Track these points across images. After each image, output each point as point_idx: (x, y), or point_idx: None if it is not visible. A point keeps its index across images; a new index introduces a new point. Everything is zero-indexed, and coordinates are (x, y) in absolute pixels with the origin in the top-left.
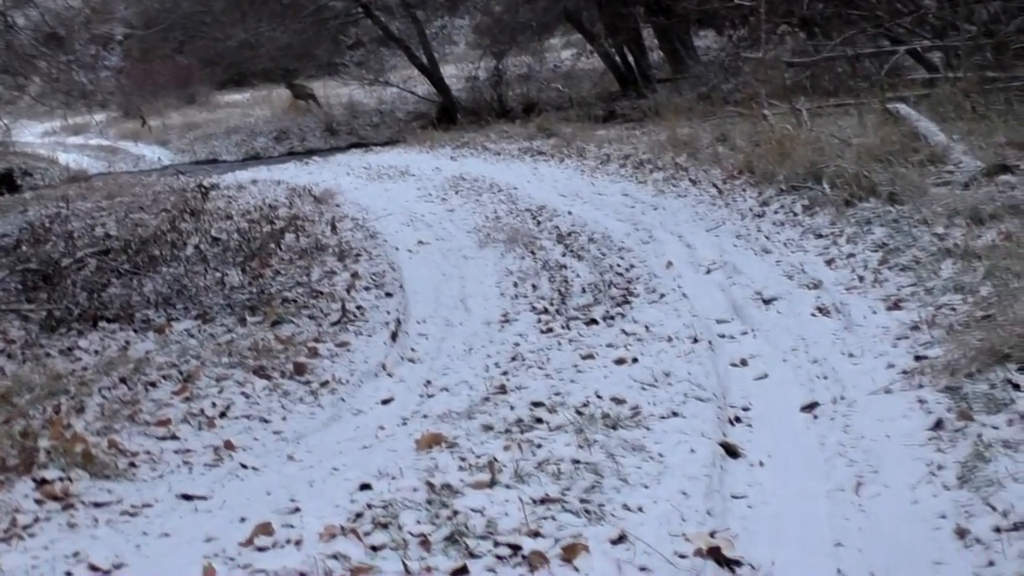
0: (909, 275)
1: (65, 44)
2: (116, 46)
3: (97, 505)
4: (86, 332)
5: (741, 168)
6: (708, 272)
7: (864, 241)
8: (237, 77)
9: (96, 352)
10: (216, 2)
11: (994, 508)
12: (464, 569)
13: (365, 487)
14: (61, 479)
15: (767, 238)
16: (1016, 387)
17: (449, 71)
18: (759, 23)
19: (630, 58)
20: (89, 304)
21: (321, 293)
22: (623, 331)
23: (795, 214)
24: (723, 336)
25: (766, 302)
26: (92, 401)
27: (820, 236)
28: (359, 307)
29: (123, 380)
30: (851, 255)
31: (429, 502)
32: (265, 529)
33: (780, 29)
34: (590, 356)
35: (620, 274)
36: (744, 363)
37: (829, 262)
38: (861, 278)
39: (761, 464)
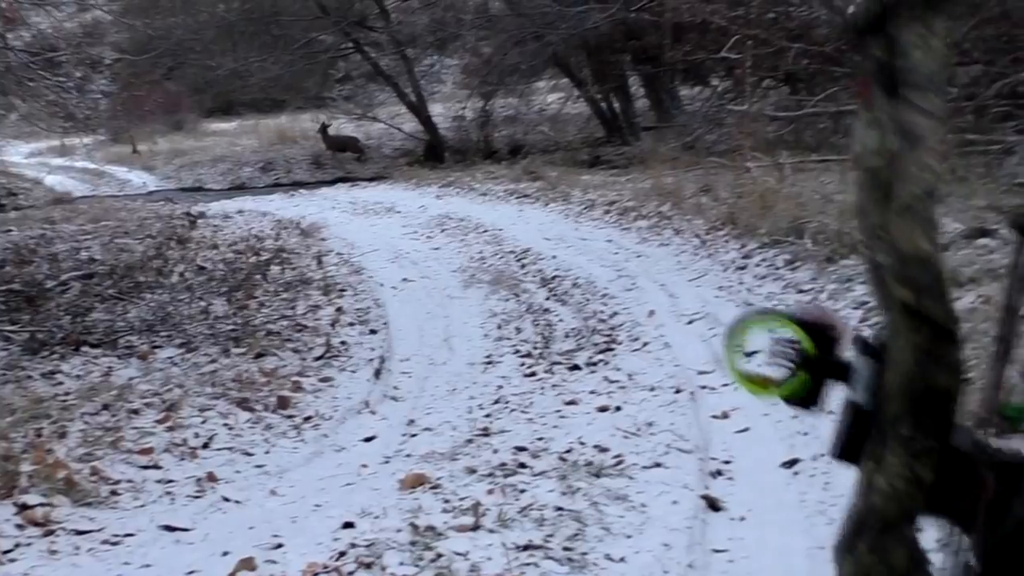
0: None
1: (55, 66)
2: (105, 70)
3: (79, 533)
4: (68, 356)
5: (724, 220)
6: (690, 322)
7: (845, 298)
8: (225, 106)
9: (78, 377)
10: (207, 30)
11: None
12: None
13: (348, 525)
14: (43, 504)
15: (749, 291)
16: None
17: (436, 110)
18: (744, 76)
19: (616, 105)
20: (72, 328)
21: (305, 327)
22: (606, 378)
23: (777, 268)
24: (704, 387)
25: (748, 355)
26: (74, 427)
27: (801, 291)
28: (343, 342)
29: (106, 406)
30: (833, 312)
31: (413, 543)
32: (248, 564)
33: (764, 83)
34: (573, 402)
35: (603, 321)
36: (726, 416)
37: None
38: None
39: (742, 519)
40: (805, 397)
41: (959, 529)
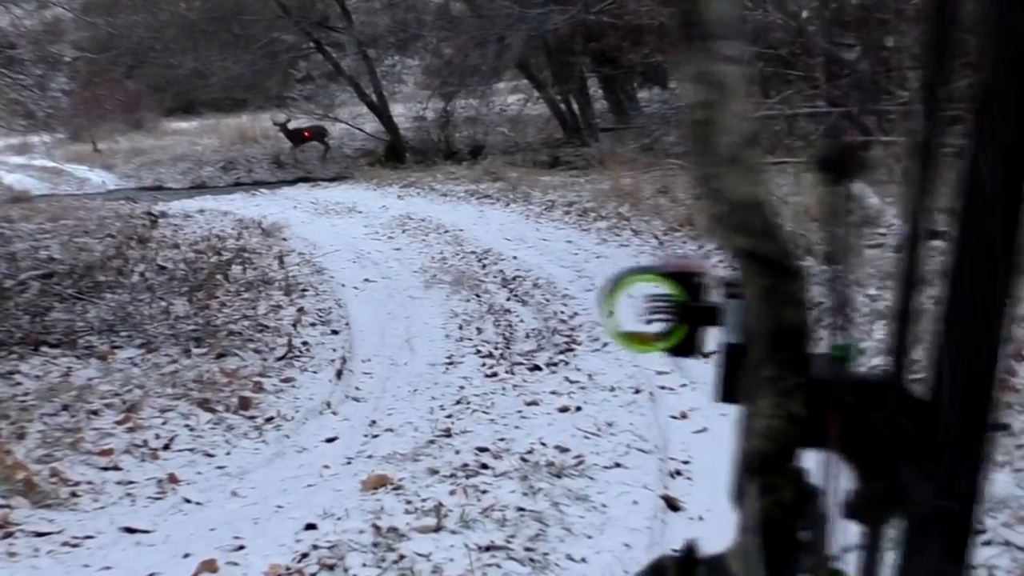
0: (843, 335)
1: (14, 63)
2: (65, 68)
3: (38, 534)
4: (27, 356)
5: (682, 221)
6: (649, 323)
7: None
8: (185, 105)
9: (37, 377)
10: (168, 29)
11: None
12: None
13: (310, 527)
14: (1, 506)
15: None
16: None
17: (398, 110)
18: None
19: (575, 106)
20: (31, 328)
21: (267, 327)
22: (567, 379)
23: (734, 269)
24: (663, 388)
25: (705, 355)
26: (33, 427)
27: None
28: (305, 343)
29: (65, 407)
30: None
31: (375, 545)
32: (210, 566)
33: None
34: (534, 403)
35: (564, 321)
36: (684, 416)
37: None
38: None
39: (701, 518)
40: (685, 346)
41: (838, 456)
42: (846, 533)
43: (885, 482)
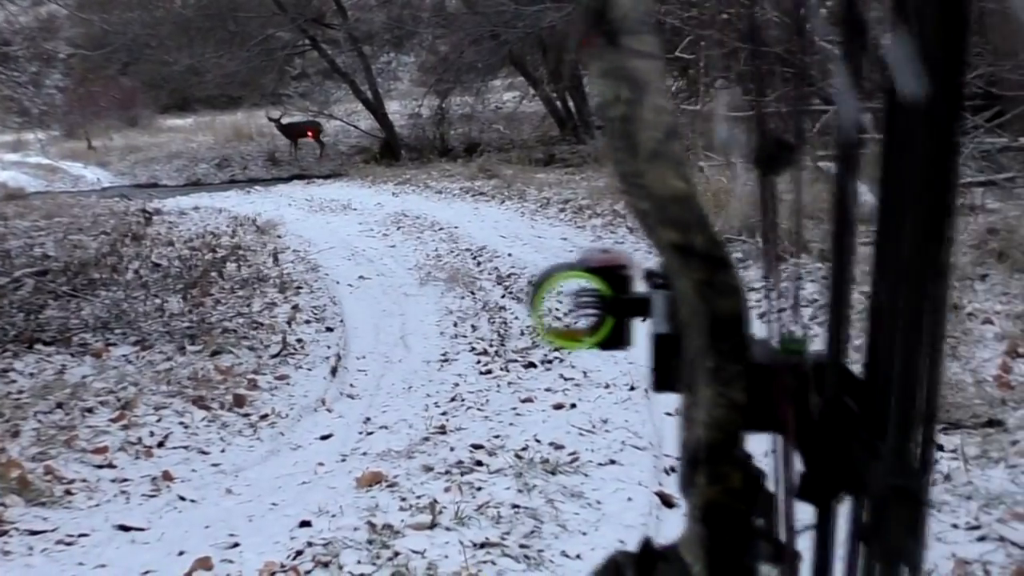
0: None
1: (9, 60)
2: (60, 65)
3: (32, 533)
4: (22, 354)
5: None
6: (644, 320)
7: (795, 296)
8: (180, 102)
9: (32, 375)
10: (163, 26)
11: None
12: None
13: (305, 524)
14: None
15: None
16: (939, 447)
17: (393, 107)
18: (697, 76)
19: (571, 103)
20: (25, 325)
21: (262, 324)
22: (561, 376)
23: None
24: None
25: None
26: (27, 425)
27: (752, 290)
28: (299, 340)
29: (59, 405)
30: (782, 309)
31: (370, 542)
32: (204, 563)
33: (717, 83)
34: (529, 400)
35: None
36: (679, 413)
37: (760, 315)
38: (791, 332)
39: None
40: (614, 339)
41: (783, 439)
42: (799, 514)
43: (833, 462)
